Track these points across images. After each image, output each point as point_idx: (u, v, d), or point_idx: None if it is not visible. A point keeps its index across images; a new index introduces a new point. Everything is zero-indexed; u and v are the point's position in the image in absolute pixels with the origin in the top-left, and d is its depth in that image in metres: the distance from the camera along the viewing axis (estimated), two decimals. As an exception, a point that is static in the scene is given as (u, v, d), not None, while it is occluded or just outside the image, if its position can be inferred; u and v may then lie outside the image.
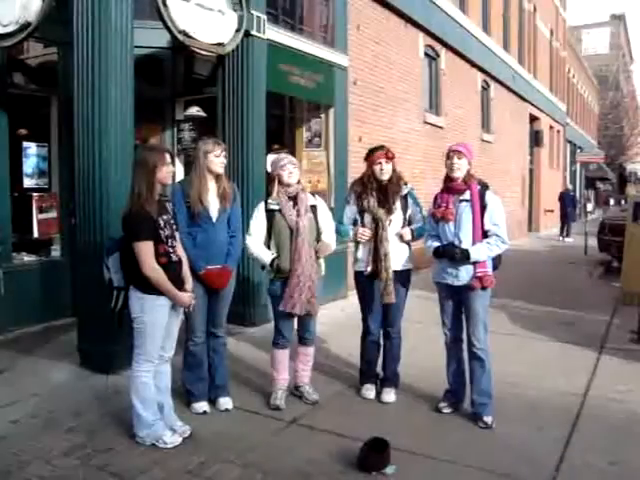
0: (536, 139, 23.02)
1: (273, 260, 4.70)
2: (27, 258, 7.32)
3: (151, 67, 7.99)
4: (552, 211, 24.44)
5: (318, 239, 4.82)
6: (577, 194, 32.32)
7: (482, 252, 4.47)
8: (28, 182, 7.29)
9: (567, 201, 21.17)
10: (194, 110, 8.22)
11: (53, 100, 7.47)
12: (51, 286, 7.24)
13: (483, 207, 4.50)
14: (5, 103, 6.80)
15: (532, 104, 21.72)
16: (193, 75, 8.39)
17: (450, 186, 4.61)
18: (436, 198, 4.73)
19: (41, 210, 7.34)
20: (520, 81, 19.90)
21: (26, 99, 7.42)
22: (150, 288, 3.97)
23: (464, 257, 4.46)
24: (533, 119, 22.63)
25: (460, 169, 4.54)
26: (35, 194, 7.33)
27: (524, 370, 5.79)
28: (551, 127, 25.82)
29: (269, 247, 4.77)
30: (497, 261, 4.67)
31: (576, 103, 34.57)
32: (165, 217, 4.11)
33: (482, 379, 4.61)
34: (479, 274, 4.47)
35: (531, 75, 21.72)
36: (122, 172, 5.36)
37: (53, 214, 7.45)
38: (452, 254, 4.50)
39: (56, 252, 7.54)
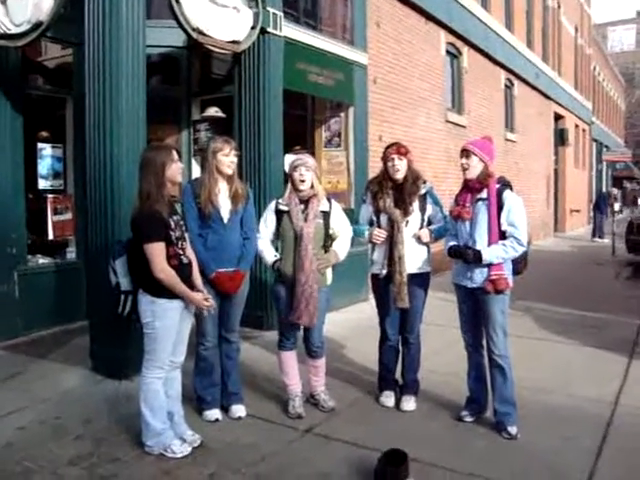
0: (561, 138, 22.62)
1: (275, 262, 4.60)
2: (42, 260, 7.25)
3: (167, 66, 7.90)
4: (578, 211, 24.07)
5: (326, 246, 4.63)
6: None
7: (496, 254, 4.25)
8: (43, 183, 7.21)
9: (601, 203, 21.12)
10: (213, 111, 8.09)
11: (69, 101, 7.38)
12: (66, 288, 7.14)
13: (500, 206, 4.29)
14: (20, 104, 6.73)
15: (557, 102, 21.35)
16: (210, 74, 8.27)
17: (467, 184, 4.41)
18: (457, 196, 4.54)
19: (56, 212, 7.26)
20: (544, 79, 19.56)
21: (42, 100, 7.36)
22: (161, 291, 3.83)
23: (476, 258, 4.27)
24: (558, 118, 22.25)
25: (469, 168, 4.34)
26: (50, 195, 7.25)
27: (550, 376, 5.57)
28: (576, 126, 25.39)
29: (277, 248, 4.66)
30: (522, 265, 4.46)
31: (602, 101, 34.05)
32: (175, 218, 3.96)
33: (503, 387, 4.39)
34: (493, 277, 4.25)
35: (555, 73, 21.36)
36: (134, 172, 5.19)
37: (68, 216, 7.36)
38: (464, 255, 4.32)
39: (71, 254, 7.46)
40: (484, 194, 4.32)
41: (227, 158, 4.36)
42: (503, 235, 4.28)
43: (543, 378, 5.46)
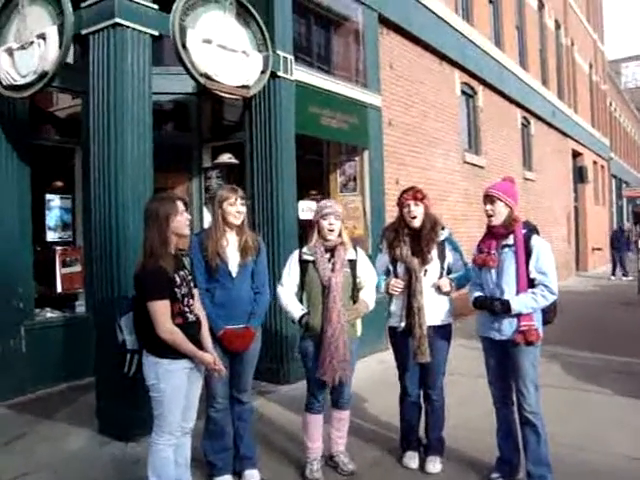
0: (580, 175, 22.29)
1: (302, 316, 4.28)
2: (50, 314, 7.06)
3: (177, 113, 7.79)
4: (600, 249, 23.59)
5: (354, 296, 4.37)
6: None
7: (525, 303, 3.98)
8: (51, 235, 7.07)
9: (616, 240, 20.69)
10: (226, 157, 7.93)
11: (78, 151, 7.26)
12: (75, 343, 6.88)
13: (528, 253, 4.03)
14: (28, 154, 6.64)
15: (574, 139, 21.11)
16: (221, 120, 8.15)
17: (492, 231, 4.16)
18: (479, 244, 4.28)
19: (65, 264, 7.09)
20: (561, 116, 19.38)
21: (50, 150, 7.24)
22: (166, 352, 3.57)
23: (505, 309, 3.99)
24: (576, 155, 21.98)
25: (495, 215, 4.09)
26: (58, 247, 7.08)
27: (583, 430, 5.21)
28: (595, 162, 25.09)
29: (302, 300, 4.37)
30: (551, 314, 4.18)
31: (619, 137, 33.75)
32: (182, 273, 3.71)
33: (536, 446, 4.07)
34: (523, 328, 3.98)
35: (572, 110, 21.17)
36: (141, 223, 5.02)
37: (77, 268, 7.18)
38: (491, 306, 4.04)
39: (81, 308, 7.25)
40: (510, 240, 4.07)
41: (233, 208, 4.13)
42: (531, 283, 4.01)
43: (575, 432, 5.10)
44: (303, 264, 4.34)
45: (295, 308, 4.33)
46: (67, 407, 6.09)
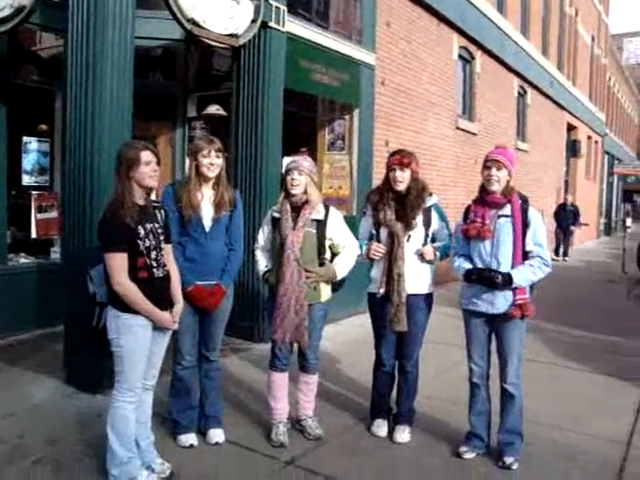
0: (573, 149, 22.10)
1: (265, 273, 4.25)
2: (24, 260, 6.89)
3: (162, 60, 7.53)
4: (587, 224, 23.56)
5: (322, 259, 4.22)
6: (613, 207, 31.53)
7: (525, 276, 3.87)
8: (27, 179, 6.85)
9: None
10: (214, 109, 7.72)
11: (58, 93, 6.99)
12: (49, 290, 6.73)
13: (525, 225, 3.90)
14: (5, 94, 6.37)
15: (570, 112, 20.90)
16: (208, 70, 7.89)
17: (487, 199, 3.99)
18: (468, 211, 4.11)
19: (40, 209, 6.89)
20: (558, 88, 19.12)
21: (30, 91, 6.98)
22: (126, 306, 3.43)
23: (506, 282, 3.85)
24: (571, 128, 21.78)
25: (499, 182, 3.94)
26: (34, 192, 6.88)
27: (559, 408, 5.12)
28: (589, 137, 24.92)
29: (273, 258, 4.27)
30: (534, 287, 4.06)
31: (616, 113, 33.51)
32: (149, 225, 3.52)
33: (513, 417, 4.04)
34: (520, 301, 3.86)
35: (570, 82, 20.91)
36: (116, 171, 4.86)
37: (53, 214, 7.00)
38: (491, 279, 3.88)
39: (56, 254, 7.07)
40: (507, 210, 3.93)
41: (206, 159, 3.94)
42: (525, 255, 3.91)
43: (551, 410, 5.01)
44: (274, 222, 4.24)
45: (261, 265, 4.33)
46: (36, 355, 5.97)
